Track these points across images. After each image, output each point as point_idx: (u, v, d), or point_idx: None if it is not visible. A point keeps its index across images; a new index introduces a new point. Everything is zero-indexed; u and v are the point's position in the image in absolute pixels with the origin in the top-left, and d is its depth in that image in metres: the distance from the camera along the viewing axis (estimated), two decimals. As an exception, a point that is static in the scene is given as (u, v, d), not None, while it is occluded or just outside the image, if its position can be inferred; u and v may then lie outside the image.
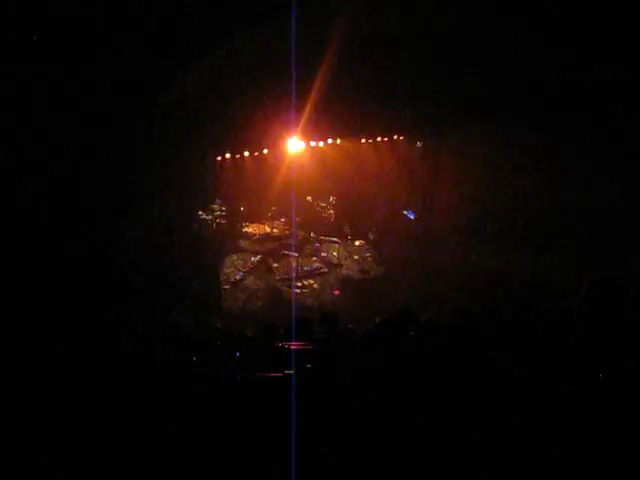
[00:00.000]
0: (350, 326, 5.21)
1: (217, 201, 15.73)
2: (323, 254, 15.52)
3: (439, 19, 9.56)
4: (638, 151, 9.51)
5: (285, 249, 15.32)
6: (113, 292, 1.88)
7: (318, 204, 16.93)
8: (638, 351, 2.26)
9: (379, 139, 15.21)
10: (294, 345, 3.88)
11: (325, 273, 14.85)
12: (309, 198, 16.70)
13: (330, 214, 16.93)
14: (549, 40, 8.89)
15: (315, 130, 13.53)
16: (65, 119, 7.46)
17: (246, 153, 14.05)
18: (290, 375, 2.97)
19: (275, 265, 14.88)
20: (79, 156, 8.29)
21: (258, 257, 15.05)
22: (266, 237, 15.77)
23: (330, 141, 14.60)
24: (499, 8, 8.70)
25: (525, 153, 12.06)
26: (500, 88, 10.30)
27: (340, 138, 14.67)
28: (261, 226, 15.87)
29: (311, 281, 14.54)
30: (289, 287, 14.20)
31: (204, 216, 15.27)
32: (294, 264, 14.85)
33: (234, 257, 14.94)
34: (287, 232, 15.93)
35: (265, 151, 14.13)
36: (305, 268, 14.92)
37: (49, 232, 7.11)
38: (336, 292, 14.49)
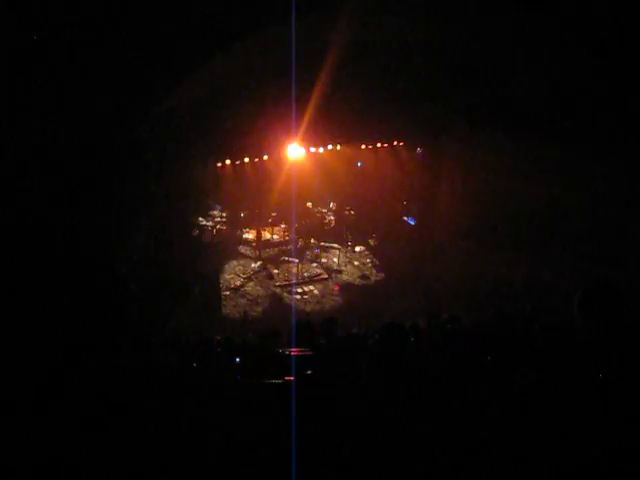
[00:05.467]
0: (350, 332, 5.20)
1: (217, 207, 15.76)
2: (323, 260, 15.53)
3: (439, 27, 9.60)
4: (637, 153, 9.52)
5: (285, 255, 15.33)
6: (112, 299, 1.89)
7: (318, 210, 16.96)
8: (637, 352, 2.26)
9: (379, 145, 15.25)
10: (294, 351, 3.87)
11: (325, 279, 14.85)
12: (309, 204, 16.72)
13: (330, 220, 16.95)
14: (545, 46, 8.93)
15: (315, 136, 13.56)
16: (66, 124, 7.49)
17: (246, 159, 14.08)
18: (290, 381, 2.96)
19: (275, 271, 14.88)
20: (80, 162, 8.31)
21: (258, 263, 15.06)
22: (266, 243, 15.79)
23: (330, 147, 14.63)
24: (498, 17, 8.74)
25: (524, 158, 12.07)
26: (499, 94, 10.34)
27: (340, 144, 14.70)
28: (261, 232, 15.89)
29: (311, 287, 14.53)
30: (289, 293, 14.18)
31: (204, 222, 15.30)
32: (294, 270, 14.84)
33: (234, 263, 14.94)
34: (287, 238, 15.95)
35: (265, 157, 14.15)
36: (305, 274, 14.92)
37: (50, 237, 7.11)
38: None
